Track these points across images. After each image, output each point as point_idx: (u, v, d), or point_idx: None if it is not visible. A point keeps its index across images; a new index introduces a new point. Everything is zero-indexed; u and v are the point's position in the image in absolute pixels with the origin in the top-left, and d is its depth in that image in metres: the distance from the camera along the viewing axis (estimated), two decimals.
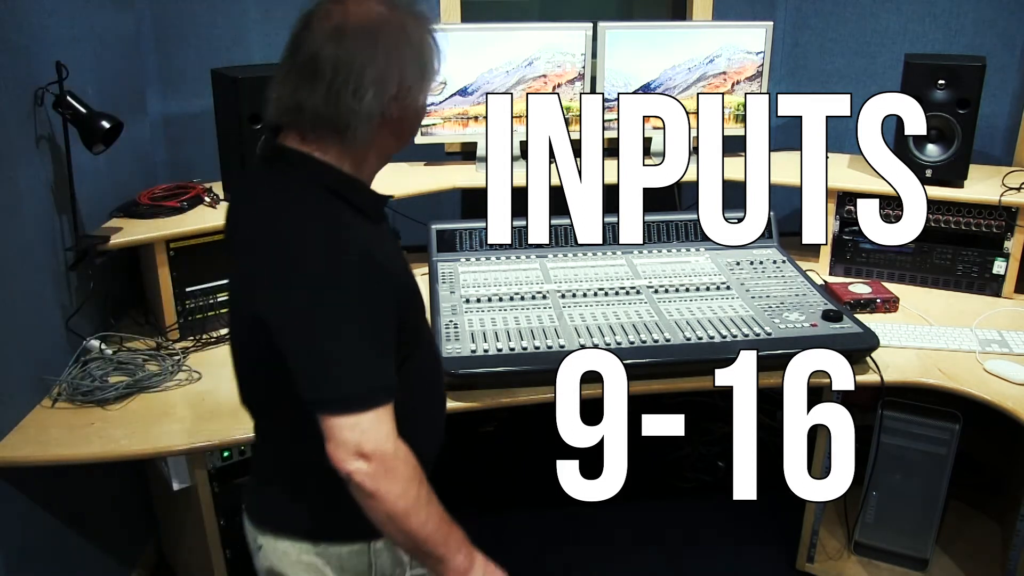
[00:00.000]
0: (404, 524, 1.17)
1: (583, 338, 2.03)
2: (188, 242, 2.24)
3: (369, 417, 1.13)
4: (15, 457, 1.72)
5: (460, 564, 1.25)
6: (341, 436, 1.13)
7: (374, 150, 1.24)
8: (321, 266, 1.14)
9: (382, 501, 1.15)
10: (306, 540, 1.32)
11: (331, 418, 1.13)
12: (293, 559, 1.33)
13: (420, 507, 1.19)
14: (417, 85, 1.21)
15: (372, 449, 1.13)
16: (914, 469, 2.21)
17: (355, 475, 1.13)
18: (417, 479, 1.19)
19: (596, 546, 2.58)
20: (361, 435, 1.13)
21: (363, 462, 1.13)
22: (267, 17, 2.72)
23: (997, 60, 2.74)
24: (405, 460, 1.18)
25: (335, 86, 1.14)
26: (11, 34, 1.82)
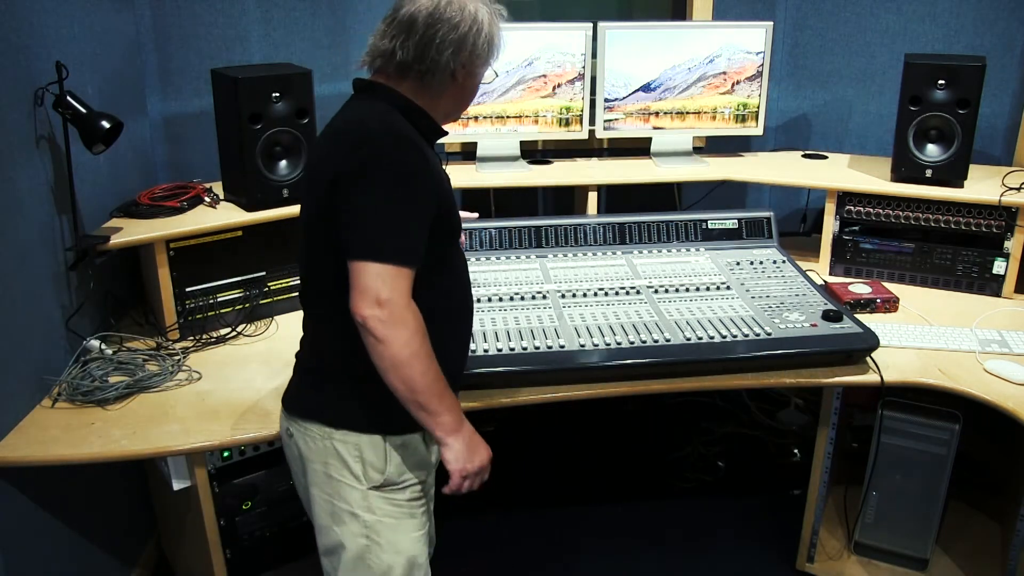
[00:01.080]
0: (406, 370, 1.35)
1: (583, 338, 2.03)
2: (188, 242, 2.24)
3: (392, 270, 1.34)
4: (15, 457, 1.72)
5: (450, 422, 1.42)
6: (365, 282, 1.33)
7: (441, 103, 1.50)
8: (378, 144, 1.38)
9: (389, 346, 1.33)
10: (329, 425, 1.49)
11: (360, 263, 1.33)
12: (318, 444, 1.50)
13: (422, 358, 1.36)
14: (483, 58, 1.48)
15: (387, 297, 1.32)
16: (914, 469, 2.21)
17: (369, 320, 1.33)
18: (421, 335, 1.37)
19: (596, 546, 2.58)
20: (382, 283, 1.33)
21: (378, 308, 1.32)
22: (267, 17, 2.72)
23: (997, 60, 2.74)
24: (415, 315, 1.36)
25: (424, 39, 1.42)
26: (11, 34, 1.82)
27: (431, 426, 1.42)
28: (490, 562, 2.53)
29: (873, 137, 3.04)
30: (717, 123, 2.88)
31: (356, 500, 1.51)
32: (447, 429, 1.43)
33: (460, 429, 1.45)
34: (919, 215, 2.56)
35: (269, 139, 2.29)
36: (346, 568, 1.54)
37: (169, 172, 2.71)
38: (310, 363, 1.57)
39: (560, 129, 2.82)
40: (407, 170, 1.38)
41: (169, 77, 2.66)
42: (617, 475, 2.92)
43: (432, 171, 1.43)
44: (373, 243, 1.34)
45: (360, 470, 1.50)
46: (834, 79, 3.06)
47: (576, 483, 2.89)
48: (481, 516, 2.72)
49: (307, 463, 1.54)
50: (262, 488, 2.01)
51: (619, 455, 3.03)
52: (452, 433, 1.43)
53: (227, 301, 2.34)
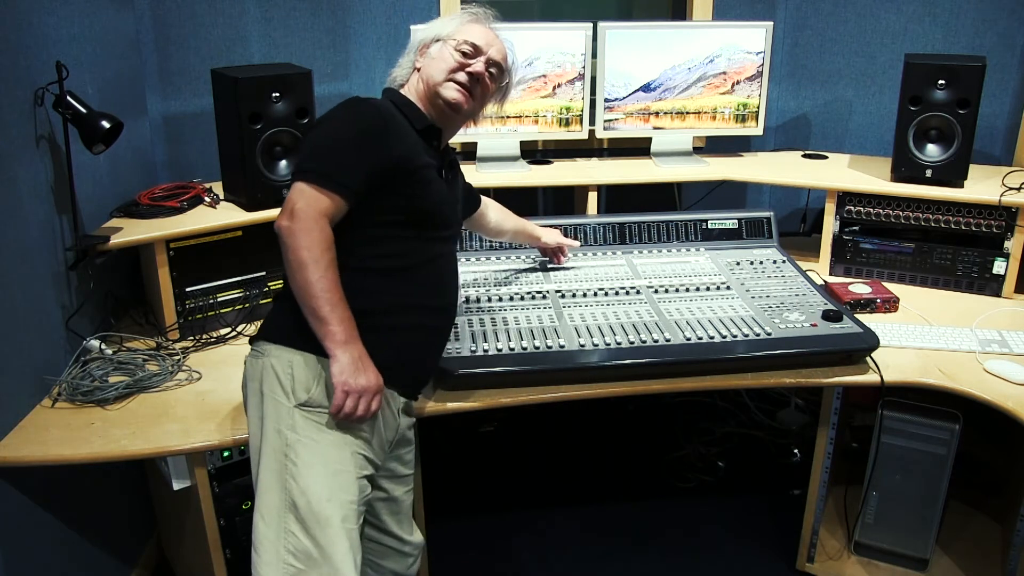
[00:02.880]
0: (304, 273, 1.47)
1: (583, 338, 2.03)
2: (188, 242, 2.24)
3: (309, 188, 1.51)
4: (15, 457, 1.72)
5: (339, 333, 1.48)
6: (289, 197, 1.51)
7: (414, 87, 1.77)
8: (341, 105, 1.63)
9: (292, 251, 1.47)
10: (268, 341, 1.60)
11: (292, 184, 1.53)
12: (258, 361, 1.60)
13: (319, 266, 1.47)
14: (429, 42, 1.77)
15: (299, 208, 1.48)
16: (914, 469, 2.21)
17: (282, 229, 1.49)
18: (324, 247, 1.49)
19: (596, 546, 2.58)
20: (298, 196, 1.50)
21: (289, 219, 1.48)
22: (267, 17, 2.72)
23: (997, 60, 2.75)
24: (321, 230, 1.49)
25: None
26: (11, 34, 1.82)
27: (322, 335, 1.48)
28: (489, 562, 2.53)
29: (873, 137, 3.04)
30: (717, 123, 2.88)
31: (283, 416, 1.53)
32: (336, 340, 1.48)
33: (349, 343, 1.49)
34: (919, 215, 2.56)
35: (269, 139, 2.29)
36: (264, 492, 1.52)
37: (169, 172, 2.71)
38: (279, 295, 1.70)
39: (560, 129, 2.82)
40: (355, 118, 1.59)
41: (169, 77, 2.67)
42: (617, 475, 2.92)
43: (393, 137, 1.60)
44: (300, 165, 1.55)
45: (290, 386, 1.54)
46: (834, 79, 3.06)
47: (576, 483, 2.89)
48: (480, 516, 2.72)
49: (248, 383, 1.61)
50: None
51: (619, 455, 3.03)
52: (341, 345, 1.48)
53: (227, 301, 2.34)
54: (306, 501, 1.48)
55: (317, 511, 1.48)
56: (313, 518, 1.48)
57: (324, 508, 1.49)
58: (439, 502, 2.59)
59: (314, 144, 1.60)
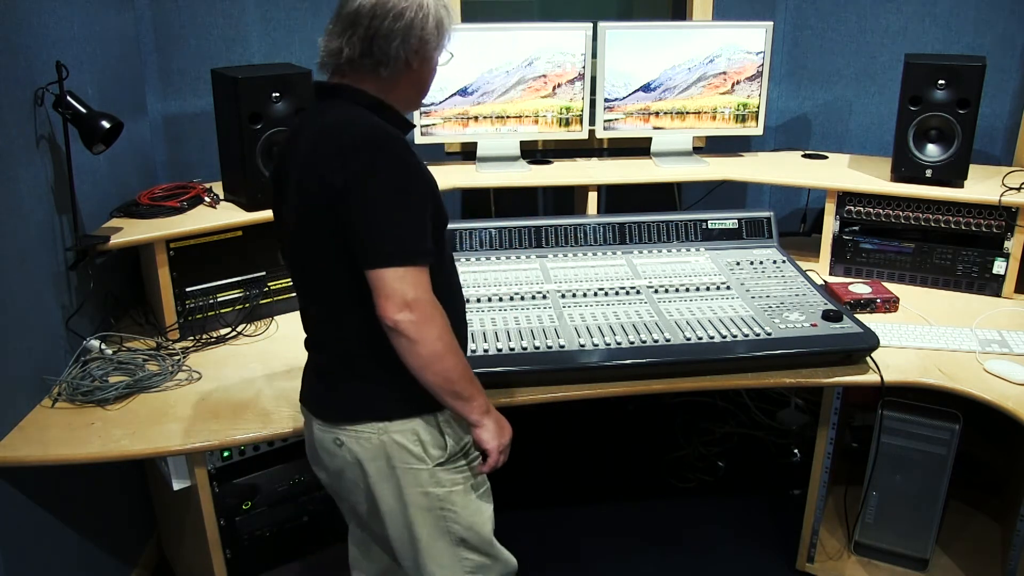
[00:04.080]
0: (441, 364, 1.40)
1: (583, 338, 2.03)
2: (188, 242, 2.24)
3: (413, 271, 1.37)
4: (15, 457, 1.72)
5: (482, 404, 1.49)
6: (391, 287, 1.35)
7: (399, 92, 1.50)
8: (376, 145, 1.39)
9: (424, 344, 1.37)
10: (382, 420, 1.50)
11: (383, 271, 1.36)
12: (374, 441, 1.51)
13: (454, 349, 1.42)
14: (433, 43, 1.46)
15: (415, 298, 1.36)
16: (914, 469, 2.21)
17: (401, 323, 1.35)
18: (449, 328, 1.41)
19: (596, 546, 2.58)
20: (407, 286, 1.36)
21: (408, 312, 1.35)
22: (267, 17, 2.72)
23: (997, 60, 2.74)
24: (440, 310, 1.40)
25: (370, 30, 1.41)
26: (11, 34, 1.82)
27: (466, 411, 1.48)
28: None
29: (873, 137, 3.04)
30: (717, 123, 2.88)
31: (424, 480, 1.54)
32: (481, 411, 1.49)
33: (490, 409, 1.52)
34: (919, 215, 2.56)
35: (269, 139, 2.29)
36: (429, 547, 1.57)
37: (169, 172, 2.71)
38: (337, 366, 1.56)
39: (560, 129, 2.82)
40: (405, 168, 1.40)
41: (169, 77, 2.67)
42: (617, 475, 2.92)
43: (422, 164, 1.46)
44: (391, 248, 1.37)
45: (421, 451, 1.52)
46: (834, 79, 3.06)
47: (576, 483, 2.89)
48: None
49: (366, 464, 1.53)
50: (262, 488, 2.01)
51: (619, 455, 3.03)
52: (485, 414, 1.50)
53: (227, 301, 2.34)
54: (474, 533, 1.60)
55: (483, 535, 1.62)
56: (482, 541, 1.62)
57: (487, 529, 1.63)
58: None
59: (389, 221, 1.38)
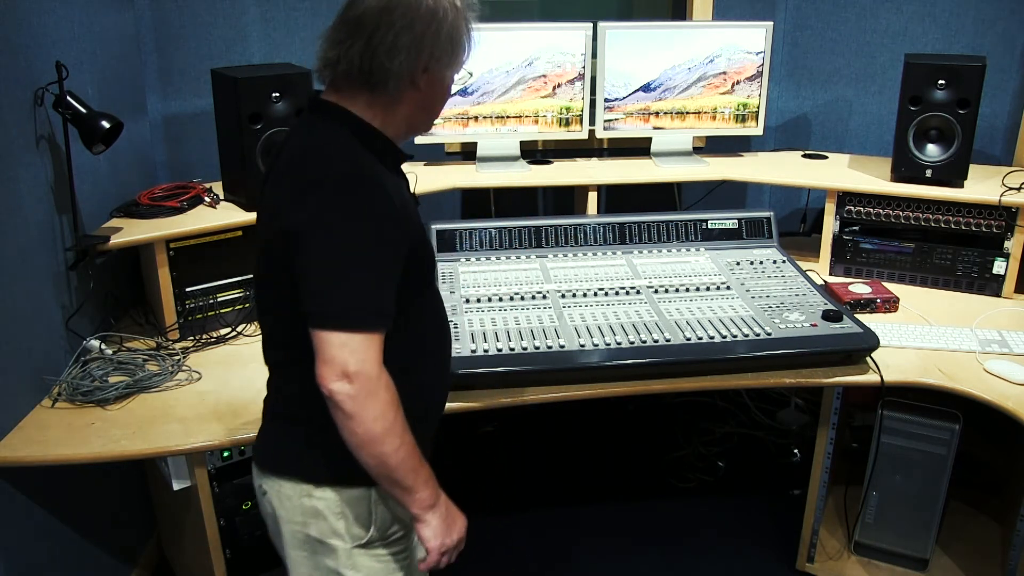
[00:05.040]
0: (378, 447, 1.22)
1: (583, 338, 2.03)
2: (188, 242, 2.24)
3: (359, 339, 1.19)
4: (15, 457, 1.72)
5: (426, 498, 1.30)
6: (330, 352, 1.18)
7: (400, 113, 1.32)
8: (339, 187, 1.21)
9: (360, 422, 1.19)
10: (307, 482, 1.35)
11: (324, 333, 1.19)
12: (295, 502, 1.36)
13: (395, 434, 1.23)
14: (446, 60, 1.29)
15: (356, 370, 1.18)
16: (914, 469, 2.21)
17: (336, 394, 1.19)
18: (395, 407, 1.23)
19: (596, 546, 2.58)
20: (349, 354, 1.18)
21: (346, 382, 1.18)
22: (267, 17, 2.72)
23: (997, 60, 2.74)
24: (387, 386, 1.22)
25: (373, 42, 1.23)
26: (11, 34, 1.82)
27: (406, 503, 1.29)
28: (490, 562, 2.53)
29: (873, 137, 3.04)
30: (717, 123, 2.88)
31: (341, 560, 1.37)
32: (423, 505, 1.30)
33: (436, 503, 1.32)
34: (919, 215, 2.56)
35: (269, 139, 2.28)
36: None
37: (169, 172, 2.71)
38: (279, 409, 1.41)
39: (560, 129, 2.82)
40: (369, 218, 1.21)
41: (169, 77, 2.67)
42: (617, 475, 2.92)
43: (399, 209, 1.26)
44: (336, 310, 1.19)
45: (343, 527, 1.36)
46: (834, 79, 3.06)
47: (576, 483, 2.89)
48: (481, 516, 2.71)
49: (282, 524, 1.38)
50: None
51: (619, 455, 3.03)
52: (429, 509, 1.30)
53: (227, 301, 2.34)
54: None
55: None
56: None
57: None
58: None
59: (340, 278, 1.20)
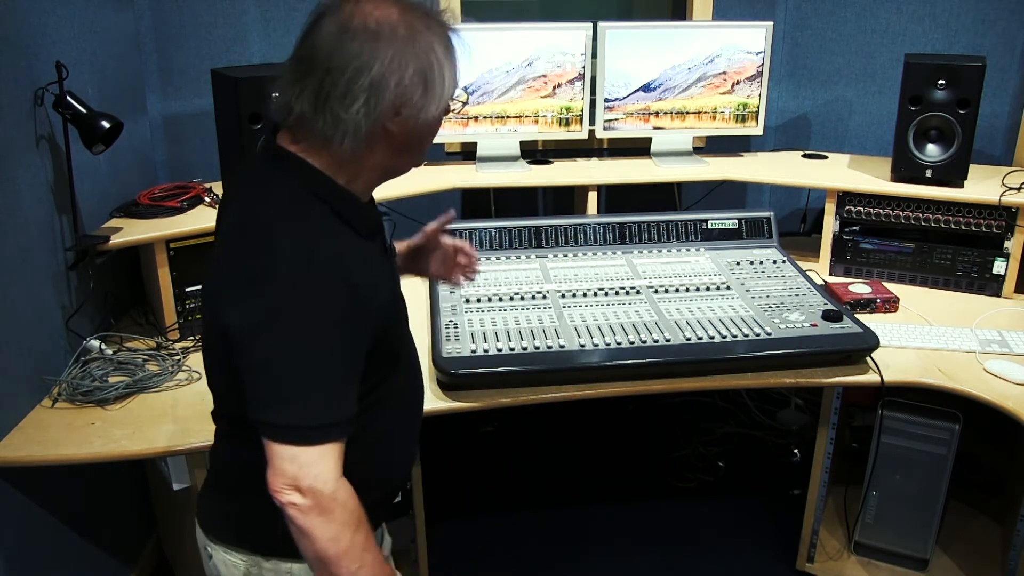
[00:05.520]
0: (334, 569, 1.09)
1: (583, 338, 2.03)
2: (188, 242, 2.23)
3: (312, 453, 1.06)
4: (15, 457, 1.72)
5: None
6: (280, 465, 1.07)
7: (368, 164, 1.14)
8: (287, 282, 1.05)
9: (313, 541, 1.08)
10: (255, 553, 1.26)
11: (272, 444, 1.07)
12: (242, 570, 1.27)
13: (353, 555, 1.10)
14: (420, 100, 1.09)
15: (308, 486, 1.06)
16: (914, 469, 2.21)
17: (288, 508, 1.07)
18: (354, 525, 1.10)
19: (596, 546, 2.58)
20: (299, 469, 1.06)
21: (298, 496, 1.06)
22: (267, 17, 2.72)
23: (997, 60, 2.74)
24: (343, 504, 1.09)
25: (324, 88, 1.05)
26: (11, 34, 1.82)
27: None
28: (489, 562, 2.53)
29: (873, 137, 3.04)
30: (717, 123, 2.88)
31: None
32: None
33: None
34: (919, 215, 2.56)
35: None
36: None
37: (169, 172, 2.71)
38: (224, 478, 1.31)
39: (560, 129, 2.82)
40: (322, 318, 1.06)
41: (169, 77, 2.67)
42: (617, 475, 2.92)
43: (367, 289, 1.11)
44: (283, 420, 1.06)
45: None
46: (834, 79, 3.06)
47: (576, 483, 2.89)
48: (481, 516, 2.72)
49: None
50: None
51: (619, 455, 3.03)
52: None
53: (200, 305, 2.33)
54: None
55: None
56: None
57: None
58: (439, 502, 2.59)
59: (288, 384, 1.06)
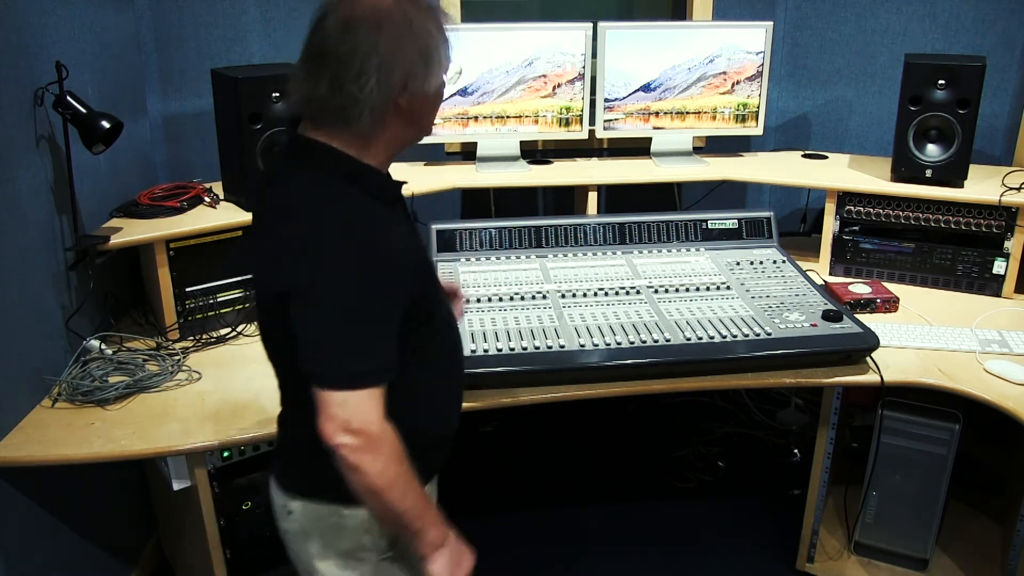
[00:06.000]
0: (382, 498, 1.24)
1: (583, 338, 2.03)
2: (188, 242, 2.24)
3: (358, 396, 1.21)
4: (15, 457, 1.72)
5: (435, 537, 1.32)
6: (330, 410, 1.20)
7: (384, 138, 1.29)
8: (334, 246, 1.21)
9: (363, 475, 1.22)
10: (337, 503, 1.38)
11: (322, 392, 1.21)
12: (327, 521, 1.40)
13: (398, 485, 1.25)
14: (423, 74, 1.25)
15: (358, 427, 1.20)
16: (914, 469, 2.21)
17: (340, 448, 1.20)
18: (398, 459, 1.25)
19: (596, 546, 2.58)
20: (349, 413, 1.20)
21: (349, 437, 1.20)
22: (267, 17, 2.72)
23: (997, 60, 2.74)
24: (390, 441, 1.24)
25: (340, 75, 1.20)
26: (11, 34, 1.82)
27: (415, 545, 1.31)
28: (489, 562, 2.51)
29: (873, 137, 3.04)
30: (717, 123, 2.88)
31: (370, 571, 1.42)
32: (433, 546, 1.32)
33: (445, 542, 1.34)
34: (919, 215, 2.56)
35: (269, 139, 2.28)
36: None
37: (169, 172, 2.71)
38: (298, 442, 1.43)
39: (560, 129, 2.82)
40: (365, 274, 1.21)
41: (169, 77, 2.67)
42: (617, 475, 2.92)
43: (398, 254, 1.27)
44: (336, 370, 1.21)
45: (371, 542, 1.40)
46: (834, 79, 3.06)
47: (576, 483, 2.89)
48: (481, 516, 2.72)
49: (311, 540, 1.42)
50: (262, 488, 2.00)
51: (619, 455, 3.03)
52: (437, 548, 1.32)
53: (227, 301, 2.34)
54: None
55: None
56: None
57: None
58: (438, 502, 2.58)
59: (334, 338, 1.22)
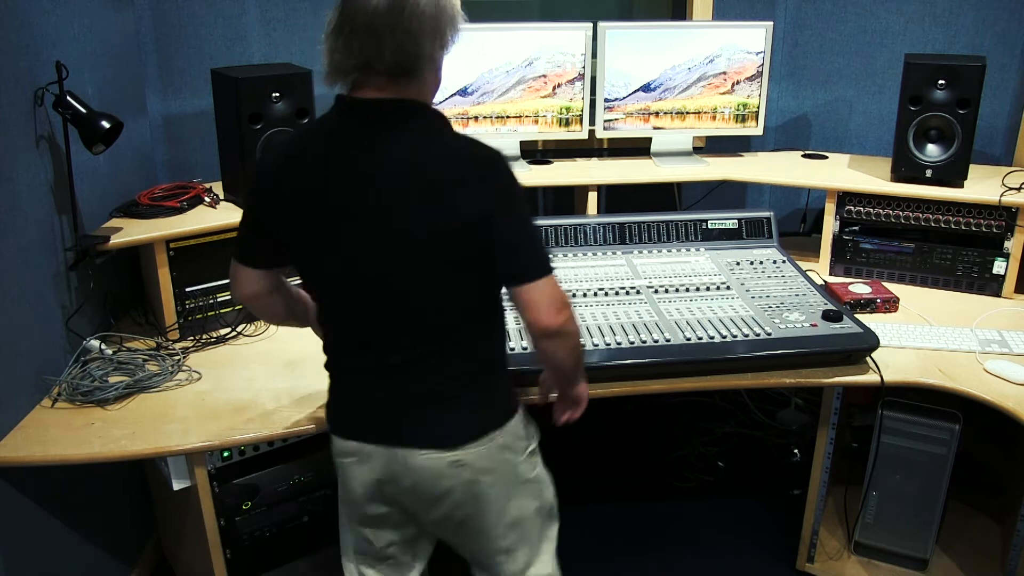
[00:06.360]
0: (581, 351, 1.59)
1: (583, 338, 2.02)
2: (188, 242, 2.24)
3: (554, 276, 1.49)
4: (15, 457, 1.72)
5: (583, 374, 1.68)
6: (552, 294, 1.47)
7: (431, 89, 1.51)
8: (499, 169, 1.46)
9: (575, 335, 1.54)
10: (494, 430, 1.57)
11: (540, 282, 1.46)
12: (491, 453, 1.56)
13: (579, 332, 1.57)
14: (451, 35, 1.47)
15: (565, 298, 1.50)
16: (914, 469, 2.21)
17: (567, 323, 1.49)
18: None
19: (596, 546, 2.58)
20: (559, 290, 1.49)
21: (567, 310, 1.48)
22: (267, 17, 2.72)
23: (997, 60, 2.74)
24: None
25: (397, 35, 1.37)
26: (11, 34, 1.82)
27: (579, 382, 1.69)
28: None
29: (873, 137, 3.04)
30: (717, 123, 2.88)
31: (525, 469, 1.65)
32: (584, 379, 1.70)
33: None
34: (919, 215, 2.56)
35: (269, 139, 2.28)
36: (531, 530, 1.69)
37: (169, 172, 2.71)
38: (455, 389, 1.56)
39: (560, 129, 2.82)
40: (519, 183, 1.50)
41: (169, 77, 2.67)
42: (617, 475, 2.92)
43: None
44: (542, 260, 1.48)
45: (522, 446, 1.64)
46: (834, 79, 3.06)
47: (576, 483, 2.88)
48: None
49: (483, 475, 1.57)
50: (262, 488, 2.01)
51: (619, 455, 3.03)
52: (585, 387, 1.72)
53: (227, 301, 2.34)
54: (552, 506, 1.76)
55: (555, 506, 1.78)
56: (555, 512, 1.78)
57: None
58: None
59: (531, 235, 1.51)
